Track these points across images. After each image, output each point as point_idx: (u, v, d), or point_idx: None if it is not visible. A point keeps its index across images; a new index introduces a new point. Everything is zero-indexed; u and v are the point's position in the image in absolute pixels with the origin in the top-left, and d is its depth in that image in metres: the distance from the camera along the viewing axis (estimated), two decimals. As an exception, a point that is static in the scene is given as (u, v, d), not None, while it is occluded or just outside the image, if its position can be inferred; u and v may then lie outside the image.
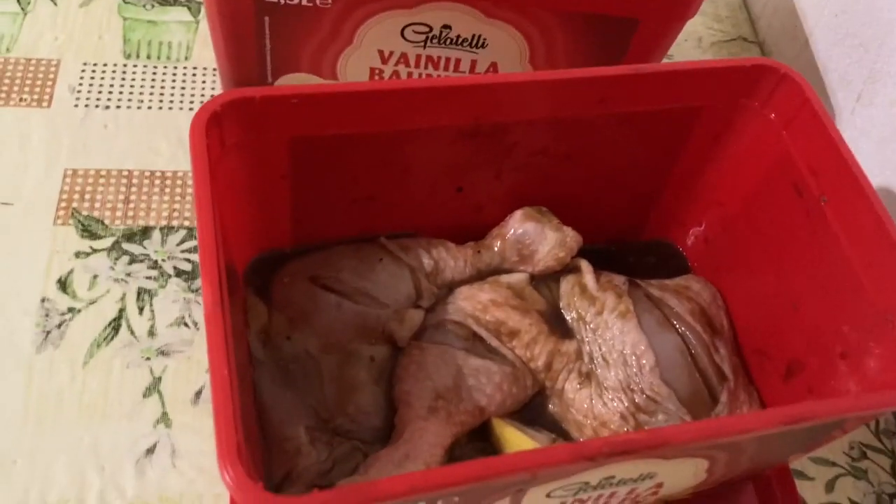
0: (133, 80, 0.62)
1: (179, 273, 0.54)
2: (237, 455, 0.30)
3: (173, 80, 0.63)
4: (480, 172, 0.47)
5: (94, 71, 0.62)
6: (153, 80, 0.62)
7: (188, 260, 0.54)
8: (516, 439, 0.44)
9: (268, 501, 0.29)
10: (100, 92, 0.61)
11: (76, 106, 0.60)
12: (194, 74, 0.63)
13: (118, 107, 0.61)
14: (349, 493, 0.29)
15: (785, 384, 0.46)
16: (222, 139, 0.39)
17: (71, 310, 0.51)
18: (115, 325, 0.51)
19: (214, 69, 0.63)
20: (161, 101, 0.61)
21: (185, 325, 0.52)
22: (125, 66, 0.63)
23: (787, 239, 0.46)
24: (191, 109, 0.61)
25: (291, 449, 0.42)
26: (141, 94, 0.61)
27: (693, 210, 0.53)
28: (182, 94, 0.62)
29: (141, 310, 0.52)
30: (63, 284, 0.52)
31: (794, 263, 0.46)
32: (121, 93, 0.61)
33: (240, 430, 0.30)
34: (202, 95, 0.62)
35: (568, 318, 0.48)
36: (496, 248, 0.49)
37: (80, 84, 0.61)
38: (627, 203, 0.53)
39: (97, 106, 0.60)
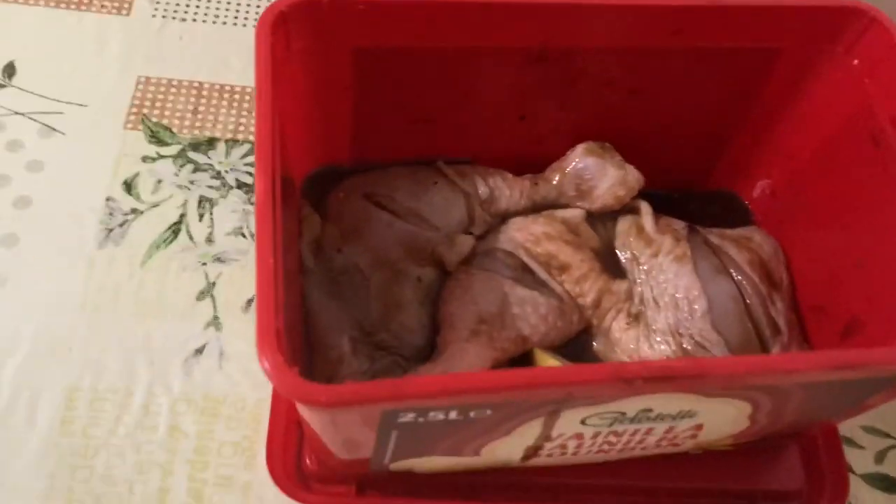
0: (210, -5, 0.63)
1: (241, 185, 0.54)
2: (276, 341, 0.30)
3: (249, -2, 0.63)
4: (545, 102, 0.46)
5: (173, -16, 0.63)
6: (230, -4, 0.63)
7: (250, 174, 0.55)
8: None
9: (302, 387, 0.29)
10: (178, 4, 0.62)
11: (154, 16, 0.61)
12: (270, -6, 0.63)
13: (194, 20, 0.61)
14: (382, 387, 0.29)
15: (842, 342, 0.45)
16: (288, 42, 0.39)
17: (134, 211, 0.53)
18: (174, 230, 0.52)
19: (290, -11, 0.64)
20: (236, 17, 0.62)
21: (243, 235, 0.53)
22: (204, -20, 0.63)
23: (858, 193, 0.44)
24: (264, 28, 0.62)
25: (334, 357, 0.42)
26: (217, 8, 0.62)
27: (762, 160, 0.51)
28: (257, 12, 0.62)
29: (201, 217, 0.53)
30: (128, 186, 0.54)
31: (862, 219, 0.44)
32: (198, 6, 0.62)
33: (280, 319, 0.31)
34: (276, 15, 0.62)
35: (622, 258, 0.48)
36: (554, 182, 0.48)
37: (159, -4, 0.62)
38: (694, 148, 0.51)
39: (174, 17, 0.61)
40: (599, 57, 0.44)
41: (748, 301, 0.45)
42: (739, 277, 0.46)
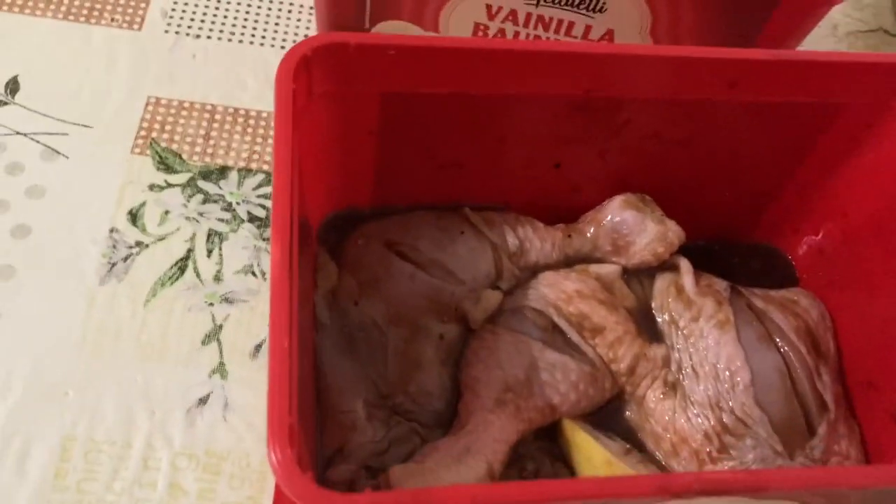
0: (227, 10, 0.59)
1: (253, 219, 0.51)
2: (288, 438, 0.27)
3: (268, 15, 0.60)
4: (583, 150, 0.43)
5: (188, -3, 0.60)
6: (247, 12, 0.60)
7: (263, 206, 0.52)
8: (587, 446, 0.40)
9: (314, 495, 0.26)
10: (192, 19, 0.59)
11: (167, 32, 0.58)
12: (290, 11, 0.60)
13: (209, 37, 0.58)
14: (405, 498, 0.26)
15: (895, 424, 0.42)
16: (310, 86, 0.36)
17: (139, 244, 0.50)
18: (181, 266, 0.49)
19: (311, 7, 0.60)
20: (253, 35, 0.59)
21: (253, 273, 0.50)
22: (221, -6, 0.60)
23: (921, 264, 0.41)
24: (282, 47, 0.59)
25: (347, 423, 0.39)
26: (234, 25, 0.59)
27: (811, 217, 0.48)
28: (275, 31, 0.59)
29: (209, 252, 0.50)
30: (133, 217, 0.51)
31: (925, 292, 0.41)
32: (213, 22, 0.59)
33: (295, 411, 0.28)
34: (295, 34, 0.59)
35: (659, 320, 0.44)
36: (589, 234, 0.45)
37: (174, 9, 0.59)
38: (738, 201, 0.48)
39: (188, 34, 0.58)
40: (648, 107, 0.40)
41: (794, 374, 0.42)
42: (785, 347, 0.43)
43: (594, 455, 0.40)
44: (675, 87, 0.39)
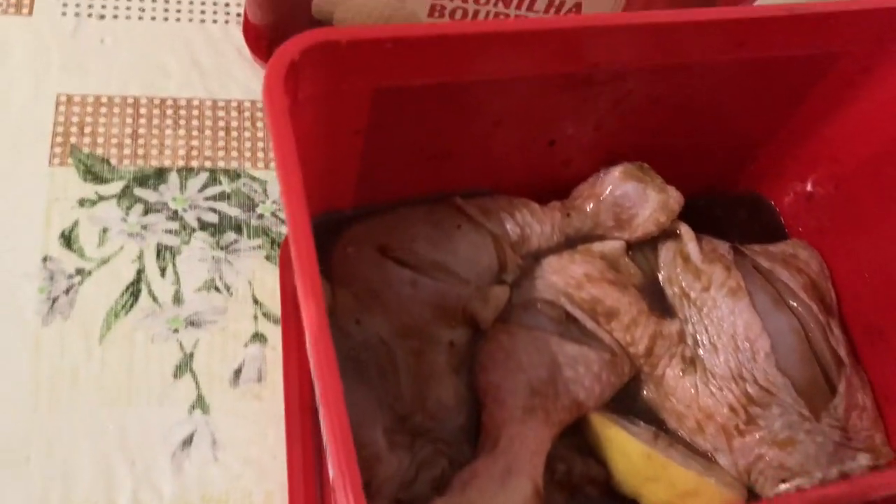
0: (130, -18, 0.52)
1: (205, 226, 0.46)
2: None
3: (178, -16, 0.52)
4: (579, 124, 0.40)
5: (80, -31, 0.52)
6: (154, -17, 0.52)
7: (213, 210, 0.46)
8: (621, 440, 0.38)
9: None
10: (91, -3, 0.51)
11: (64, 14, 0.50)
12: (203, -23, 0.53)
13: (115, 16, 0.51)
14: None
15: (907, 371, 0.42)
16: (296, 92, 0.31)
17: (80, 271, 0.43)
18: (133, 290, 0.43)
19: (228, -28, 0.53)
20: (167, 9, 0.51)
21: (216, 289, 0.44)
22: (119, -36, 0.52)
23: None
24: (202, 21, 0.52)
25: (370, 456, 0.36)
26: (143, 0, 0.51)
27: (799, 164, 0.46)
28: (191, 1, 0.52)
29: (163, 271, 0.44)
30: (67, 240, 0.44)
31: (932, 238, 0.40)
32: (117, -1, 0.51)
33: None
34: (214, 2, 0.52)
35: (669, 293, 0.42)
36: (588, 210, 0.42)
37: (66, -14, 0.51)
38: (726, 154, 0.46)
39: (90, 15, 0.50)
40: (651, 75, 0.37)
41: (810, 334, 0.41)
42: (798, 307, 0.42)
43: (630, 449, 0.38)
44: (684, 52, 0.36)
